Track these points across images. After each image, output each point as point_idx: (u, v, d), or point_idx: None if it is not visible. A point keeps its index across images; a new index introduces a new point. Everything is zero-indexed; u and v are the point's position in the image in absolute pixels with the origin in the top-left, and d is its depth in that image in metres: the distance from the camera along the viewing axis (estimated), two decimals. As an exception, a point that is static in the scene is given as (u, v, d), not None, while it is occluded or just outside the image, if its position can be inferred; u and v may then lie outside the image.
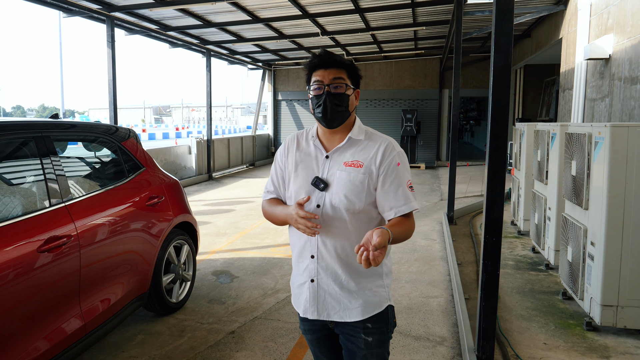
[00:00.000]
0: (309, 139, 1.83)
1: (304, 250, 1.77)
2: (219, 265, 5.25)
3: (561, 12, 8.76)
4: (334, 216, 1.69)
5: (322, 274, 1.74)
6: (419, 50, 15.15)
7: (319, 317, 1.77)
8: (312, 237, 1.72)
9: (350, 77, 1.73)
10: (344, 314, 1.74)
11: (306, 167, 1.77)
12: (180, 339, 3.50)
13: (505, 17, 2.71)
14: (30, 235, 2.49)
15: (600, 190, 3.47)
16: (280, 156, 1.88)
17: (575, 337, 3.50)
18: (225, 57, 14.33)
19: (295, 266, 1.84)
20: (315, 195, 1.72)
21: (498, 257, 2.82)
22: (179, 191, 4.11)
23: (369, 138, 1.78)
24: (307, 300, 1.78)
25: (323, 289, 1.75)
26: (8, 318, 2.33)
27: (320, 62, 1.71)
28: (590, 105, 6.98)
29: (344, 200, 1.67)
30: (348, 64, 1.73)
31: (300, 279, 1.81)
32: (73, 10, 8.26)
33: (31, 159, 2.80)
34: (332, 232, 1.70)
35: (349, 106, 1.73)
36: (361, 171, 1.70)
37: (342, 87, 1.69)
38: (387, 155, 1.71)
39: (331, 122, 1.72)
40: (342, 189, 1.68)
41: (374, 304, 1.75)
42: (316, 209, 1.70)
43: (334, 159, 1.74)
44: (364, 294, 1.74)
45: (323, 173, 1.73)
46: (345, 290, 1.73)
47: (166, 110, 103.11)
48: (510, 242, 6.18)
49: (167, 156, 11.59)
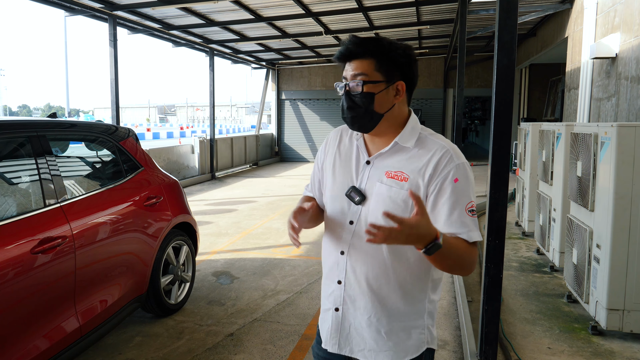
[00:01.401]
0: (353, 136, 1.52)
1: (331, 272, 1.51)
2: (220, 265, 5.21)
3: (567, 11, 8.66)
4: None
5: (348, 303, 1.47)
6: (423, 49, 15.08)
7: (340, 351, 1.51)
8: (340, 260, 1.46)
9: (383, 68, 1.35)
10: (369, 355, 1.47)
11: (344, 172, 1.48)
12: (179, 341, 3.46)
13: (509, 15, 2.65)
14: (24, 236, 2.45)
15: (606, 192, 3.40)
16: (320, 153, 1.61)
17: (580, 341, 3.43)
18: (229, 56, 14.31)
19: (324, 287, 1.57)
20: (351, 209, 1.43)
21: (501, 260, 2.76)
22: (178, 191, 4.07)
23: (422, 144, 1.40)
24: (329, 330, 1.52)
25: (348, 321, 1.48)
26: (1, 319, 2.29)
27: (343, 53, 1.38)
28: (597, 104, 6.89)
29: (381, 221, 1.30)
30: (379, 51, 1.35)
31: (326, 304, 1.55)
32: (76, 9, 8.24)
33: (26, 159, 2.76)
34: (364, 257, 1.42)
35: (378, 106, 1.36)
36: (405, 186, 1.36)
37: (360, 85, 1.35)
38: (440, 168, 1.34)
39: (355, 128, 1.42)
40: (381, 206, 1.37)
41: (408, 348, 1.45)
42: (349, 226, 1.44)
43: (376, 166, 1.43)
44: (397, 336, 1.44)
45: (361, 182, 1.43)
46: (373, 329, 1.44)
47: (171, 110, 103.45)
48: (514, 243, 6.11)
49: (170, 155, 11.57)
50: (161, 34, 10.73)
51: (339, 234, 1.47)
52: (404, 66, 1.39)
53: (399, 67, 1.38)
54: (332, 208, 1.50)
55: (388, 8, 9.43)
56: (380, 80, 1.36)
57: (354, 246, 1.43)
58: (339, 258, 1.47)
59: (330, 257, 1.51)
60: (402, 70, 1.39)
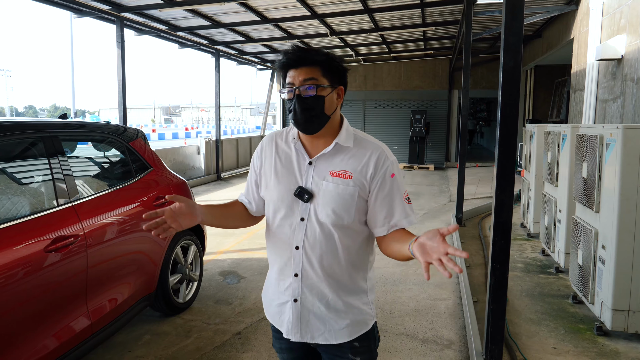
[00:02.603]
0: (289, 141, 1.63)
1: (285, 267, 1.61)
2: (227, 265, 5.25)
3: (572, 12, 8.66)
4: (321, 231, 1.54)
5: (306, 293, 1.59)
6: (429, 50, 15.08)
7: (302, 339, 1.62)
8: (296, 254, 1.57)
9: (327, 75, 1.51)
10: (330, 336, 1.61)
11: (287, 174, 1.59)
12: (187, 340, 3.50)
13: (515, 17, 2.67)
14: (38, 234, 2.50)
15: (611, 193, 3.42)
16: (256, 159, 1.71)
17: (586, 341, 3.45)
18: (234, 57, 14.37)
19: (275, 283, 1.67)
20: (300, 207, 1.56)
21: (507, 260, 2.78)
22: (186, 191, 4.11)
23: (359, 144, 1.57)
24: (290, 321, 1.62)
25: (307, 309, 1.60)
26: (15, 316, 2.34)
27: (290, 60, 1.51)
28: (602, 106, 6.89)
29: (332, 215, 1.52)
30: (323, 60, 1.51)
31: (281, 298, 1.64)
32: (83, 11, 8.31)
33: (39, 159, 2.81)
34: (319, 249, 1.55)
35: (326, 108, 1.52)
36: (351, 183, 1.53)
37: (313, 89, 1.48)
38: (379, 166, 1.54)
39: (307, 129, 1.53)
40: (330, 203, 1.52)
41: (361, 322, 1.62)
42: (300, 223, 1.56)
43: (319, 166, 1.56)
44: (351, 312, 1.60)
45: (307, 182, 1.56)
46: (331, 310, 1.59)
47: (176, 111, 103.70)
48: (519, 244, 6.12)
49: (175, 156, 11.63)
50: (168, 35, 10.79)
51: (292, 232, 1.58)
52: (341, 74, 1.57)
53: (337, 74, 1.55)
54: (280, 208, 1.60)
55: (393, 10, 9.45)
56: (327, 85, 1.52)
57: (308, 240, 1.56)
58: (294, 253, 1.58)
59: (283, 254, 1.62)
60: (339, 77, 1.56)
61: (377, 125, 16.64)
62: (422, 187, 11.38)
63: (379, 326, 3.65)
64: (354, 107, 16.93)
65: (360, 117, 16.90)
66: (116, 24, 8.78)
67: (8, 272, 2.27)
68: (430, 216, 7.96)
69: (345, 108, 16.89)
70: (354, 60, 16.20)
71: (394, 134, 16.51)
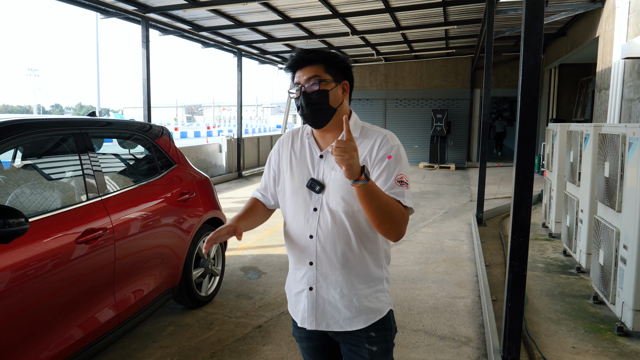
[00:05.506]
0: (304, 137, 1.74)
1: (302, 256, 1.68)
2: (247, 261, 5.35)
3: (598, 10, 8.52)
4: (332, 220, 1.60)
5: (321, 281, 1.65)
6: (450, 49, 14.97)
7: (317, 327, 1.68)
8: (310, 243, 1.64)
9: (330, 70, 1.61)
10: (344, 323, 1.65)
11: (301, 168, 1.69)
12: (209, 332, 3.59)
13: (535, 16, 2.68)
14: (69, 227, 2.61)
15: (633, 193, 3.39)
16: (274, 155, 1.81)
17: (606, 341, 3.43)
18: (256, 56, 14.50)
19: (293, 273, 1.75)
20: (313, 198, 1.64)
21: (525, 257, 2.79)
22: (209, 188, 4.21)
23: (365, 134, 1.65)
24: (305, 309, 1.69)
25: (322, 297, 1.66)
26: (47, 306, 2.45)
27: (294, 62, 1.62)
28: (628, 105, 6.78)
29: (342, 203, 1.58)
30: (325, 57, 1.61)
31: (298, 287, 1.72)
32: (110, 12, 8.51)
33: (70, 155, 2.93)
34: (332, 236, 1.61)
35: (331, 101, 1.60)
36: None
37: (316, 84, 1.58)
38: (379, 148, 1.60)
39: (315, 123, 1.63)
40: (338, 191, 1.59)
41: (376, 310, 1.66)
42: (313, 213, 1.63)
43: (329, 159, 1.64)
44: (366, 300, 1.65)
45: (318, 174, 1.65)
46: (345, 298, 1.64)
47: (198, 109, 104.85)
48: (541, 244, 6.07)
49: (198, 154, 11.82)
50: (191, 35, 10.96)
51: (306, 221, 1.65)
52: (346, 70, 1.66)
53: (341, 70, 1.64)
54: (295, 200, 1.69)
55: (415, 8, 9.43)
56: (330, 80, 1.61)
57: (321, 228, 1.62)
58: (308, 242, 1.65)
59: (299, 244, 1.69)
60: (344, 73, 1.65)
61: (398, 125, 16.58)
62: (443, 186, 11.33)
63: (397, 323, 3.69)
64: (375, 106, 16.91)
65: (381, 116, 16.87)
66: (141, 24, 8.97)
67: (41, 262, 2.39)
68: (450, 215, 7.94)
69: (366, 107, 16.89)
70: (375, 59, 16.18)
71: (415, 133, 16.44)
